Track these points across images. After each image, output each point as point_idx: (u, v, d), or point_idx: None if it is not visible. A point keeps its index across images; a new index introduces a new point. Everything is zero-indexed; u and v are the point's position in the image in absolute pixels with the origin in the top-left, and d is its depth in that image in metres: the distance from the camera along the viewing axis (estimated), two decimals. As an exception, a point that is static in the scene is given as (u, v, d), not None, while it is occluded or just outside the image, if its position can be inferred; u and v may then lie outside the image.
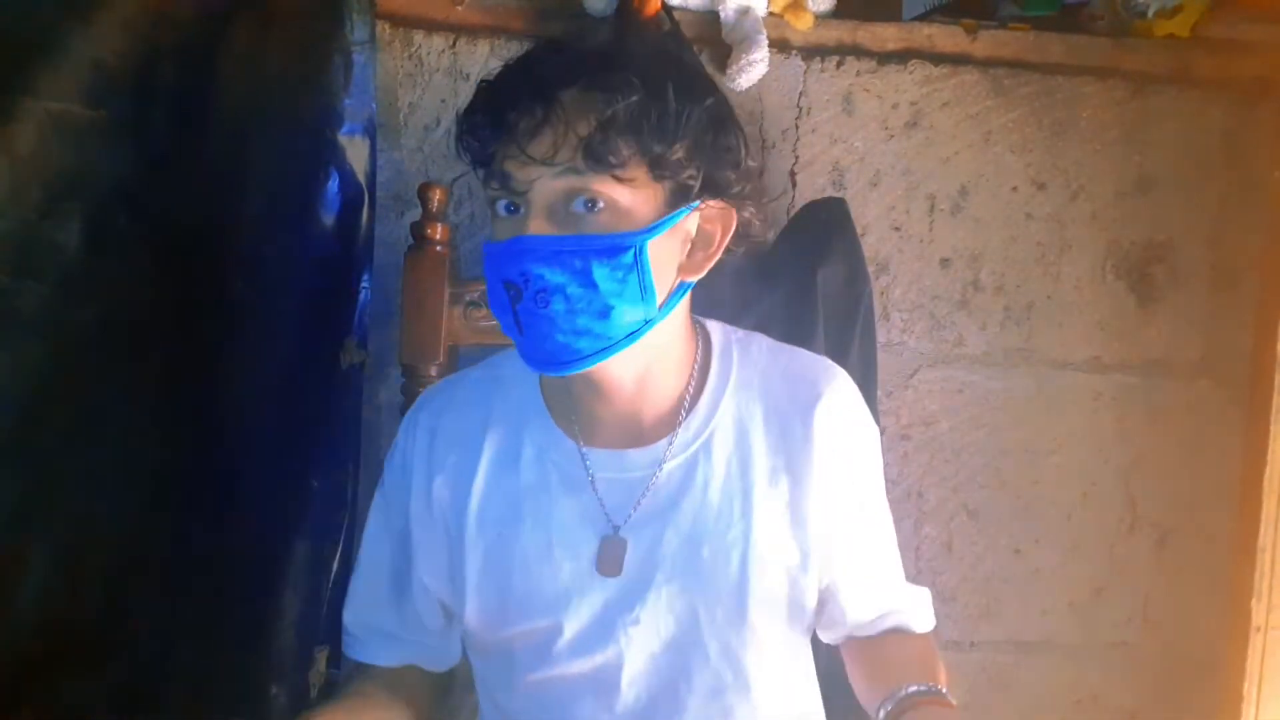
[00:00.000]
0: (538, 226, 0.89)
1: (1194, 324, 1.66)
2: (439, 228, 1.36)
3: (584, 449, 1.02)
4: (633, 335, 0.93)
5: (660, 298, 0.92)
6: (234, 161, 1.35)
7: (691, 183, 0.92)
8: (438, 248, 1.36)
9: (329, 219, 1.37)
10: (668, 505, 1.01)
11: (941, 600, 1.69)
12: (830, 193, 1.58)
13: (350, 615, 1.15)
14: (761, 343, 1.08)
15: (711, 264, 0.97)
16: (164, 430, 1.33)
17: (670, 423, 1.02)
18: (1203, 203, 1.64)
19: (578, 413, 1.03)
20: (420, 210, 1.37)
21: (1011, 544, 1.69)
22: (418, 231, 1.36)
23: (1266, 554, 1.52)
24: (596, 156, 0.87)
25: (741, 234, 0.98)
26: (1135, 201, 1.63)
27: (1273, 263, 1.59)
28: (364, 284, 1.41)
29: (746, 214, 0.98)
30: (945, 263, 1.64)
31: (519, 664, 1.06)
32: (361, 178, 1.39)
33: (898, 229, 1.62)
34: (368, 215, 1.40)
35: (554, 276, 0.88)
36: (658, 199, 0.91)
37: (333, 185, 1.37)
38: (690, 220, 0.94)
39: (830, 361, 1.09)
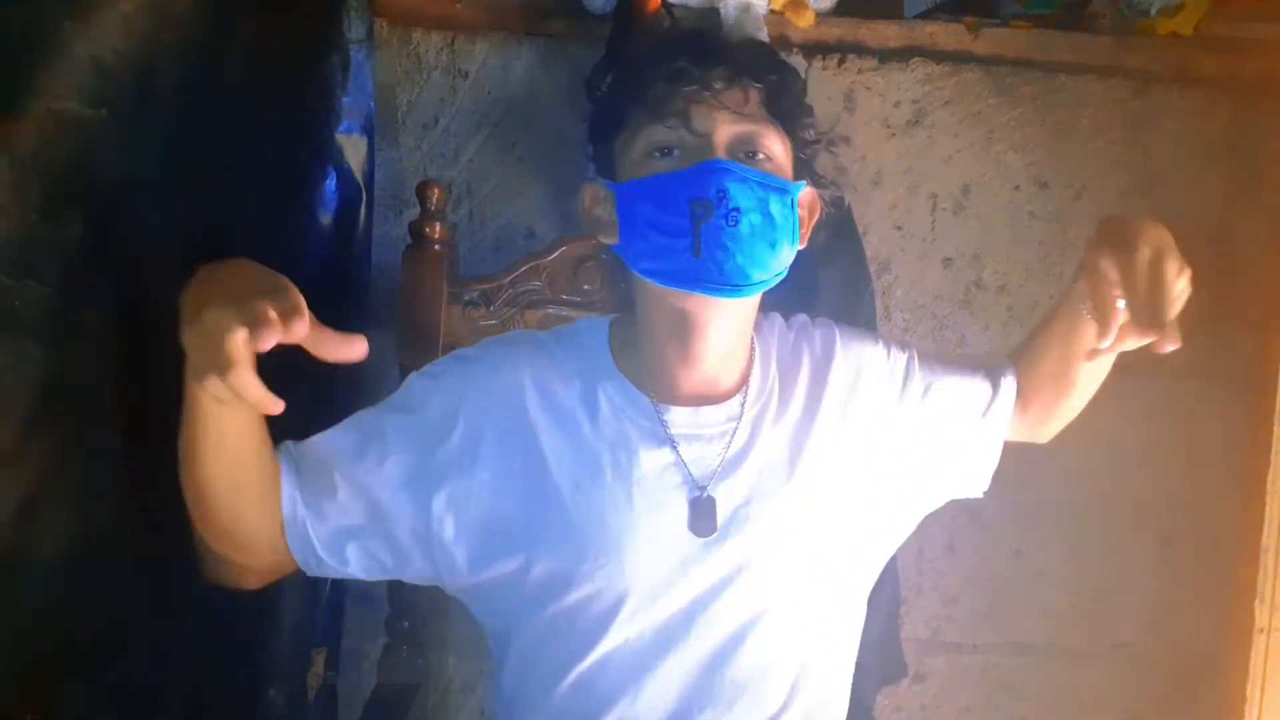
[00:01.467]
0: (722, 156, 0.97)
1: (1197, 324, 1.65)
2: (437, 226, 1.36)
3: (659, 406, 1.05)
4: (777, 276, 1.00)
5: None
6: (234, 160, 1.35)
7: (808, 160, 1.06)
8: (436, 246, 1.36)
9: (327, 218, 1.38)
10: (740, 462, 1.05)
11: (944, 602, 1.69)
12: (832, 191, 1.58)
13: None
14: (772, 316, 1.17)
15: (805, 241, 1.05)
16: (164, 431, 1.33)
17: (738, 385, 1.08)
18: (1206, 202, 1.63)
19: (656, 373, 1.06)
20: (418, 209, 1.36)
21: (1014, 545, 1.68)
22: (416, 230, 1.36)
23: (1270, 555, 1.52)
24: (773, 111, 1.01)
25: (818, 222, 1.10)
26: (1138, 200, 1.63)
27: (1276, 262, 1.59)
28: (362, 283, 1.41)
29: (825, 204, 1.09)
30: (947, 262, 1.63)
31: (582, 634, 1.03)
32: (359, 176, 1.39)
33: (899, 228, 1.62)
34: (365, 214, 1.40)
35: (745, 199, 0.96)
36: (790, 164, 1.04)
37: (331, 184, 1.37)
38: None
39: (804, 317, 1.18)
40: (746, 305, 1.04)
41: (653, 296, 1.03)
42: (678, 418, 1.05)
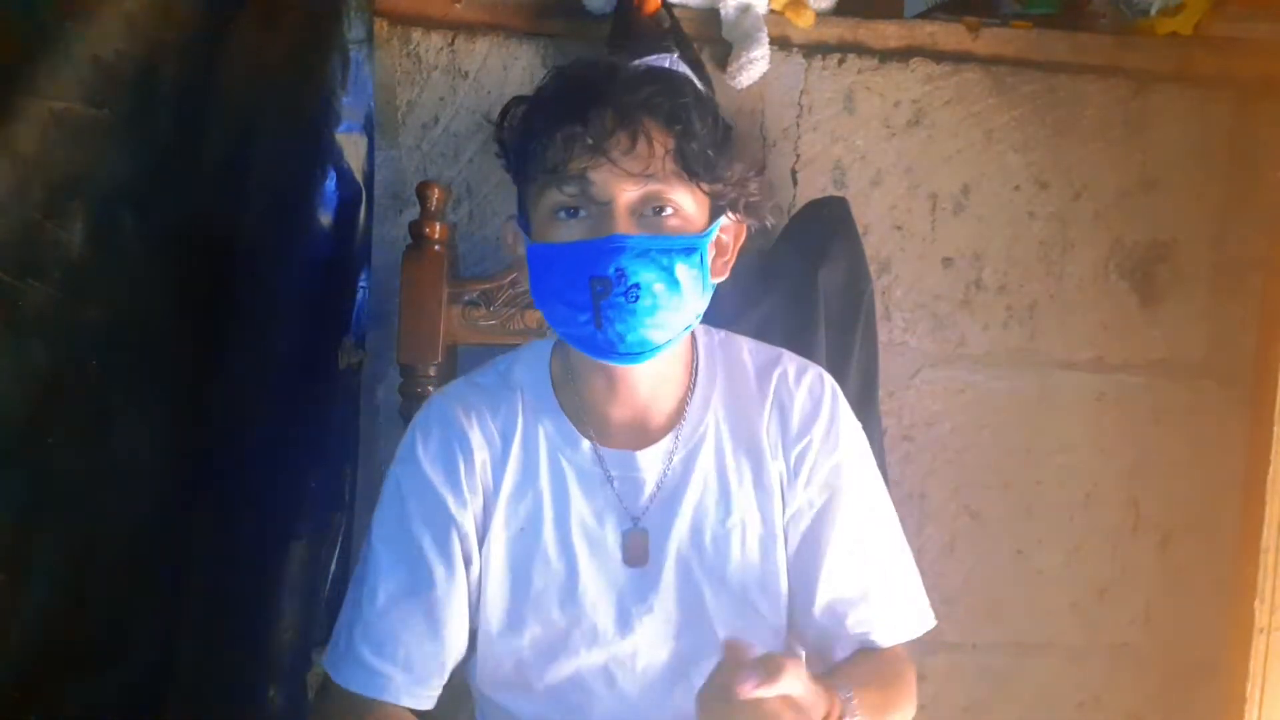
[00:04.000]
0: (625, 226, 0.96)
1: (1197, 324, 1.65)
2: (437, 226, 1.36)
3: (599, 449, 1.07)
4: (688, 328, 1.02)
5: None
6: (233, 160, 1.35)
7: (728, 197, 1.02)
8: (436, 247, 1.36)
9: (327, 218, 1.38)
10: (673, 498, 1.07)
11: (944, 601, 1.68)
12: (831, 191, 1.58)
13: (371, 646, 1.05)
14: (740, 343, 1.15)
15: (728, 270, 1.06)
16: (165, 430, 1.33)
17: (672, 421, 1.08)
18: (1206, 201, 1.63)
19: (590, 414, 1.07)
20: (419, 209, 1.36)
21: (1014, 545, 1.68)
22: (416, 230, 1.36)
23: (1269, 555, 1.51)
24: (683, 163, 0.97)
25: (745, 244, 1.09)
26: (1138, 200, 1.63)
27: (1276, 262, 1.59)
28: (362, 283, 1.41)
29: (753, 227, 1.08)
30: (947, 262, 1.63)
31: (531, 666, 1.07)
32: (359, 176, 1.39)
33: (899, 228, 1.62)
34: (365, 214, 1.40)
35: (646, 272, 0.95)
36: (705, 210, 1.01)
37: (330, 184, 1.37)
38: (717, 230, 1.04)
39: (807, 362, 1.14)
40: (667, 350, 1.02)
41: None
42: (614, 460, 1.07)
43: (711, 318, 1.12)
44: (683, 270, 0.97)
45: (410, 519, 1.06)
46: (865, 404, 1.44)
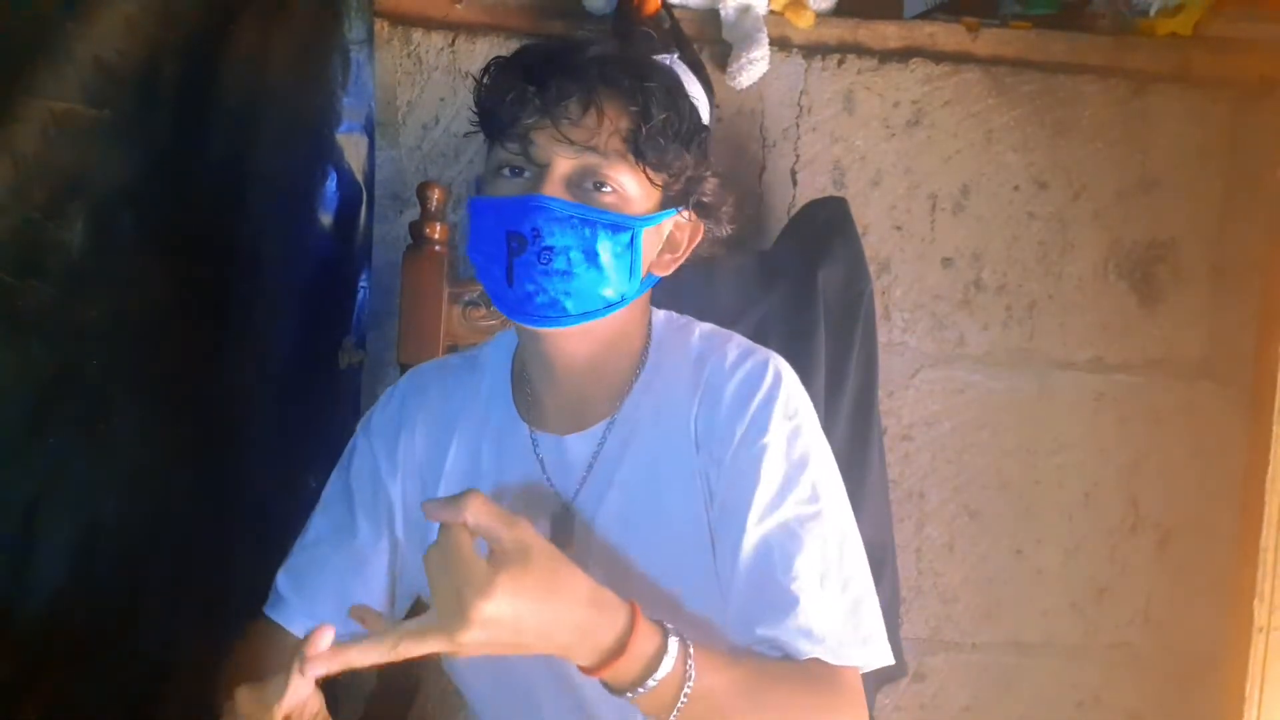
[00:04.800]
0: (553, 190, 0.96)
1: (1196, 324, 1.65)
2: (438, 227, 1.36)
3: (534, 433, 1.08)
4: (610, 307, 1.00)
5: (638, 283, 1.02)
6: (234, 160, 1.35)
7: (680, 192, 1.02)
8: (436, 247, 1.36)
9: (327, 218, 1.38)
10: (605, 483, 1.06)
11: (943, 601, 1.69)
12: (831, 192, 1.58)
13: (288, 574, 1.11)
14: (693, 329, 1.11)
15: (675, 267, 1.06)
16: (166, 429, 1.33)
17: (611, 409, 1.07)
18: (1205, 202, 1.63)
19: (533, 399, 1.09)
20: (419, 209, 1.36)
21: (1013, 544, 1.68)
22: (416, 230, 1.36)
23: (1269, 554, 1.51)
24: (632, 145, 0.97)
25: (705, 246, 1.08)
26: (1137, 201, 1.63)
27: (1275, 262, 1.58)
28: (362, 283, 1.41)
29: (711, 231, 1.08)
30: (947, 262, 1.63)
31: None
32: (360, 176, 1.39)
33: (899, 228, 1.62)
34: (366, 214, 1.41)
35: (563, 238, 0.96)
36: (653, 198, 1.01)
37: (331, 184, 1.37)
38: (668, 224, 1.04)
39: (755, 348, 1.08)
40: (596, 329, 1.01)
41: None
42: (546, 443, 1.08)
43: (711, 317, 1.12)
44: (605, 246, 0.97)
45: (350, 473, 1.13)
46: (865, 404, 1.45)
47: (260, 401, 1.37)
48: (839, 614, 0.96)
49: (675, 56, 1.10)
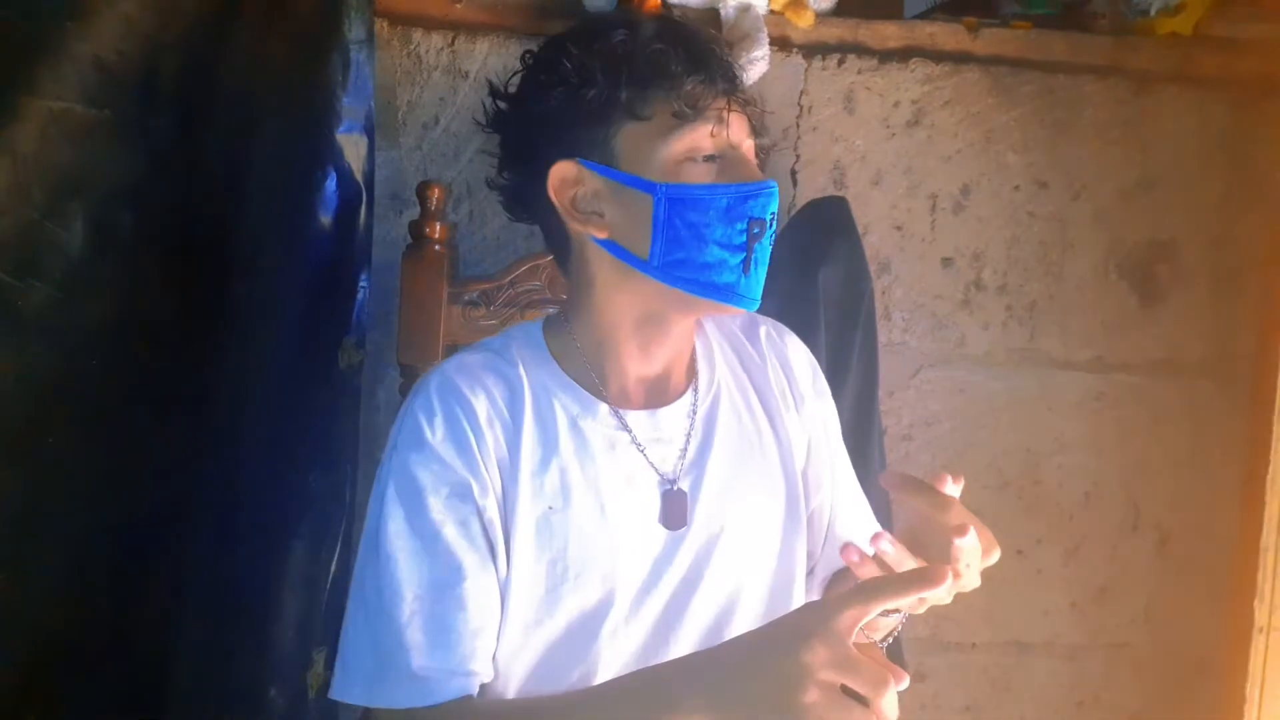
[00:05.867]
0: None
1: (1197, 324, 1.66)
2: (438, 226, 1.36)
3: (618, 410, 1.03)
4: None
5: None
6: (234, 160, 1.35)
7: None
8: (436, 247, 1.36)
9: (327, 218, 1.38)
10: (701, 455, 1.05)
11: (943, 601, 1.69)
12: (831, 191, 1.58)
13: (417, 652, 0.94)
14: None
15: None
16: (165, 430, 1.33)
17: (686, 380, 1.08)
18: (1206, 202, 1.63)
19: (607, 374, 1.04)
20: (419, 209, 1.36)
21: (1013, 544, 1.68)
22: (416, 230, 1.36)
23: (1269, 555, 1.52)
24: (752, 130, 1.01)
25: None
26: (1138, 201, 1.63)
27: (1276, 262, 1.59)
28: (362, 283, 1.41)
29: None
30: (947, 262, 1.63)
31: (560, 648, 1.00)
32: (359, 176, 1.39)
33: (899, 228, 1.62)
34: (366, 214, 1.40)
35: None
36: None
37: (331, 184, 1.37)
38: None
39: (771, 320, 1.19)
40: None
41: (624, 297, 1.01)
42: (637, 421, 1.03)
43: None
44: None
45: (427, 509, 0.96)
46: (865, 404, 1.45)
47: (260, 401, 1.36)
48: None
49: None
